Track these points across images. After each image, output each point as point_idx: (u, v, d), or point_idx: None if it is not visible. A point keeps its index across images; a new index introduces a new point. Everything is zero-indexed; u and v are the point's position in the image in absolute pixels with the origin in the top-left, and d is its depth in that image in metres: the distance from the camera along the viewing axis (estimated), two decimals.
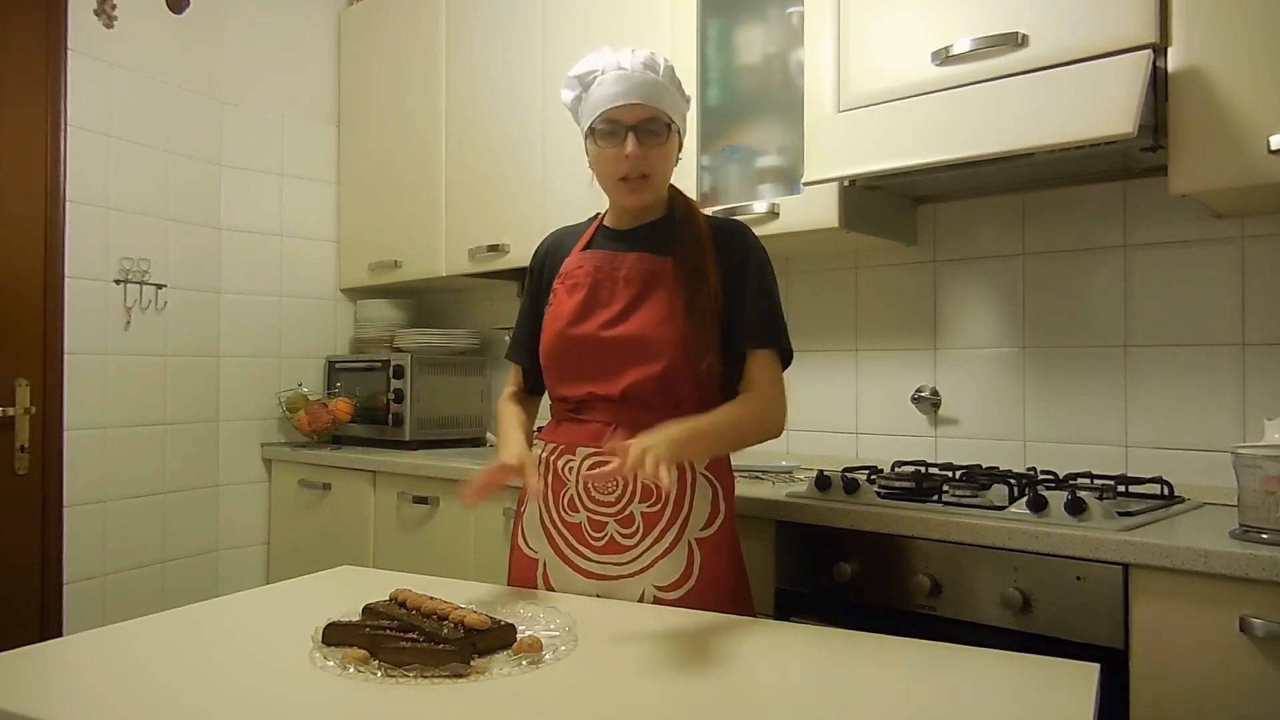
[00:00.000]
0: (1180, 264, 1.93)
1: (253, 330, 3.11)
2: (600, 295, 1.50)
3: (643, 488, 1.43)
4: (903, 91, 1.90)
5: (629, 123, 1.45)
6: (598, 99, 1.47)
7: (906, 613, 1.65)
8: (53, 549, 2.52)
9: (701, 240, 1.50)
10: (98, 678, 1.03)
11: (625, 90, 1.45)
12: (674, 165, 1.54)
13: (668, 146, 1.49)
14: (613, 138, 1.46)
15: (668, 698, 0.97)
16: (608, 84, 1.46)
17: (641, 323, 1.45)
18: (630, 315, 1.46)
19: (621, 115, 1.45)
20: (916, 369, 2.29)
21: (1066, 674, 1.03)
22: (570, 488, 1.48)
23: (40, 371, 2.50)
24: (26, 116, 2.47)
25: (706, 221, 1.55)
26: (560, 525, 1.49)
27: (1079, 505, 1.52)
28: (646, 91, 1.45)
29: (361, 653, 1.05)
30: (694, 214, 1.55)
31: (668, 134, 1.48)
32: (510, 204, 2.71)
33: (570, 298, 1.51)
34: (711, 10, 2.32)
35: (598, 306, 1.49)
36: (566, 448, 1.50)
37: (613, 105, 1.45)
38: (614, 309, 1.48)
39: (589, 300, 1.50)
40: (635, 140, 1.45)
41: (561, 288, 1.55)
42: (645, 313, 1.46)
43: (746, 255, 1.52)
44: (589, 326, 1.48)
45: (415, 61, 3.04)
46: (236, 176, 3.08)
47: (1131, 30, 1.64)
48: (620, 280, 1.49)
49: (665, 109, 1.47)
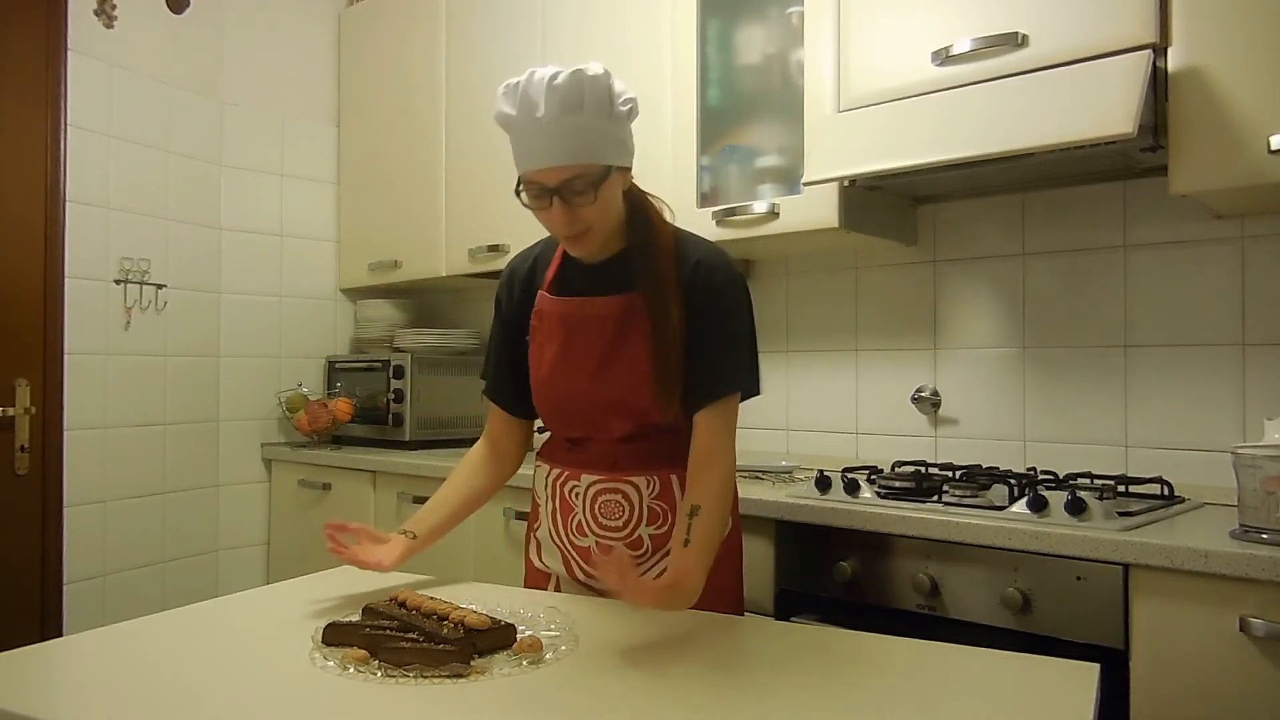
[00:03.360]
0: (1180, 264, 1.93)
1: (253, 330, 3.11)
2: (575, 344, 1.42)
3: (649, 511, 1.42)
4: (903, 91, 1.90)
5: (552, 185, 1.30)
6: (517, 154, 1.33)
7: (906, 613, 1.65)
8: (53, 549, 2.52)
9: (663, 272, 1.38)
10: (98, 678, 1.03)
11: (540, 150, 1.29)
12: (620, 199, 1.39)
13: (604, 195, 1.32)
14: (540, 199, 1.32)
15: (668, 698, 0.97)
16: (525, 138, 1.31)
17: (622, 375, 1.39)
18: (610, 364, 1.40)
19: (542, 179, 1.30)
20: (916, 369, 2.29)
21: (1066, 674, 1.03)
22: (578, 513, 1.46)
23: (40, 371, 2.50)
24: (26, 116, 2.48)
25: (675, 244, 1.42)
26: (569, 548, 1.48)
27: (1079, 505, 1.52)
28: (565, 148, 1.28)
29: (361, 653, 1.05)
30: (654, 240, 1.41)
31: (598, 187, 1.31)
32: (510, 204, 2.65)
33: (549, 346, 1.45)
34: (711, 10, 2.31)
35: (576, 355, 1.42)
36: (571, 474, 1.47)
37: (529, 169, 1.31)
38: (594, 356, 1.41)
39: (566, 348, 1.43)
40: (561, 203, 1.30)
41: (539, 329, 1.47)
42: (625, 362, 1.39)
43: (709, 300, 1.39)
44: (574, 379, 1.42)
45: (415, 61, 3.04)
46: (236, 176, 3.08)
47: (1131, 30, 1.64)
48: (594, 329, 1.41)
49: (593, 159, 1.29)
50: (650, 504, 1.42)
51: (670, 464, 1.42)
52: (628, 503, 1.42)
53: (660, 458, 1.43)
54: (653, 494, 1.42)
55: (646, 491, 1.42)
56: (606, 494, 1.43)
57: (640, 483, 1.42)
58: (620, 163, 1.35)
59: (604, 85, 1.30)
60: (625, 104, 1.34)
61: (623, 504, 1.43)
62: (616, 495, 1.43)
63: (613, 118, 1.31)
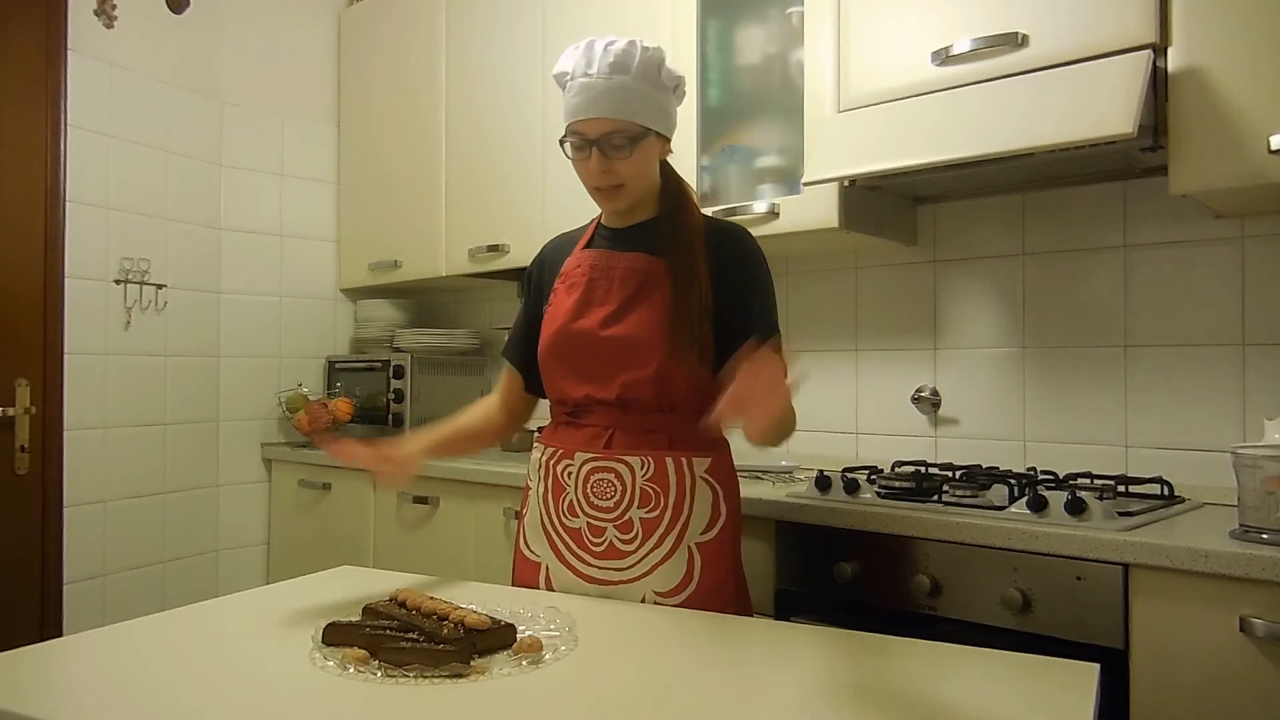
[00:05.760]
0: (1180, 264, 1.93)
1: (253, 330, 3.11)
2: (596, 293, 1.48)
3: (641, 493, 1.43)
4: (903, 91, 1.90)
5: (593, 136, 1.40)
6: (566, 108, 1.43)
7: (906, 613, 1.65)
8: (53, 549, 2.52)
9: (691, 241, 1.46)
10: (98, 678, 1.03)
11: (586, 103, 1.39)
12: (655, 165, 1.49)
13: (640, 154, 1.42)
14: (580, 150, 1.43)
15: (668, 698, 0.97)
16: (573, 92, 1.41)
17: (634, 324, 1.44)
18: (625, 315, 1.45)
19: (585, 129, 1.41)
20: (916, 369, 2.29)
21: (1066, 674, 1.03)
22: (569, 492, 1.47)
23: (40, 371, 2.50)
24: (26, 116, 2.48)
25: (705, 222, 1.52)
26: (560, 530, 1.49)
27: (1079, 505, 1.52)
28: (609, 103, 1.38)
29: (361, 653, 1.05)
30: (684, 212, 1.50)
31: (636, 144, 1.41)
32: (510, 204, 2.71)
33: (569, 296, 1.51)
34: (711, 10, 2.31)
35: (594, 304, 1.48)
36: (565, 452, 1.49)
37: (574, 119, 1.41)
38: (609, 307, 1.46)
39: (585, 297, 1.49)
40: (599, 155, 1.40)
41: (561, 287, 1.54)
42: (639, 314, 1.44)
43: (747, 256, 1.49)
44: (586, 323, 1.47)
45: (415, 61, 3.04)
46: (236, 176, 3.08)
47: (1131, 30, 1.64)
48: (616, 279, 1.47)
49: (632, 117, 1.40)
50: (643, 485, 1.42)
51: (668, 445, 1.43)
52: (620, 483, 1.43)
53: (658, 437, 1.44)
54: (646, 475, 1.42)
55: (640, 472, 1.42)
56: (600, 472, 1.44)
57: (634, 463, 1.43)
58: (659, 128, 1.44)
59: (656, 58, 1.43)
60: (673, 80, 1.46)
61: (615, 484, 1.43)
62: (609, 474, 1.44)
63: (659, 86, 1.43)
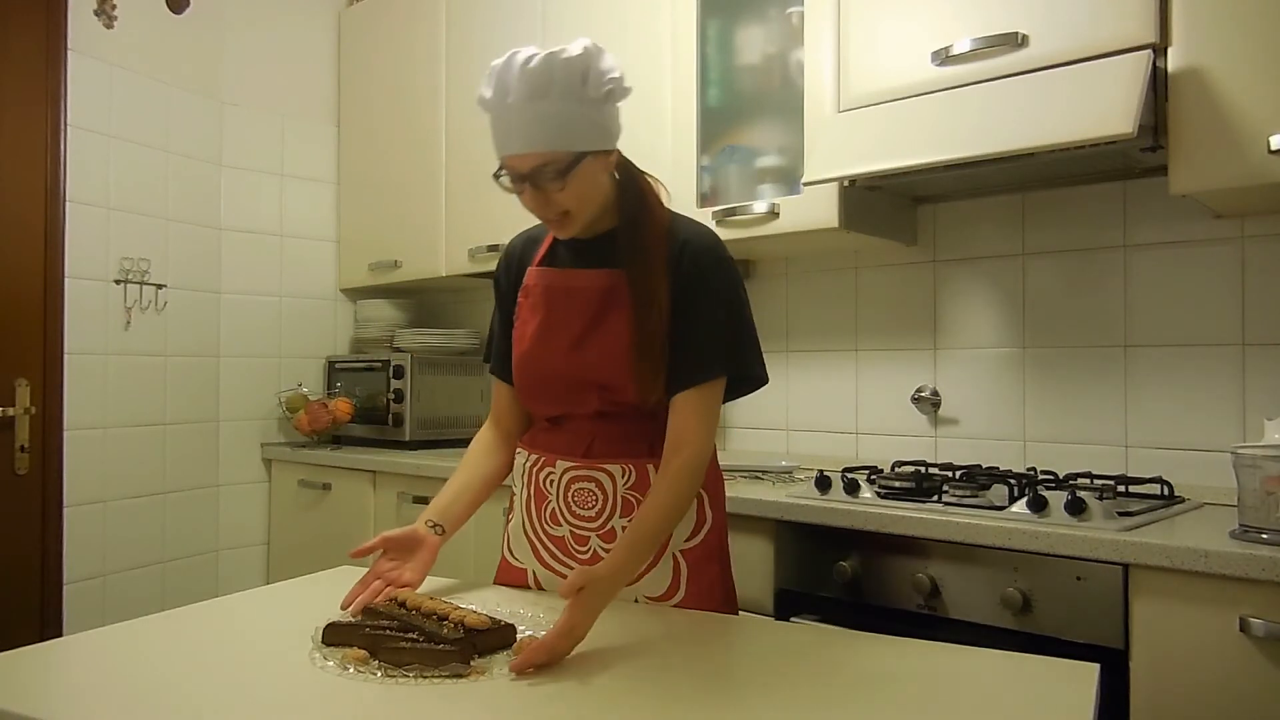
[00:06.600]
0: (1180, 264, 1.93)
1: (253, 330, 3.11)
2: (556, 317, 1.40)
3: (624, 502, 1.39)
4: (903, 91, 1.90)
5: (523, 171, 1.28)
6: (493, 137, 1.31)
7: (907, 613, 1.65)
8: (53, 549, 2.52)
9: (650, 259, 1.35)
10: (98, 678, 1.03)
11: (508, 136, 1.27)
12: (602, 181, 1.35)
13: (577, 181, 1.29)
14: (515, 183, 1.32)
15: (667, 698, 0.97)
16: (498, 123, 1.29)
17: (598, 353, 1.37)
18: (589, 340, 1.38)
19: (512, 165, 1.29)
20: (916, 369, 2.29)
21: (1066, 674, 1.03)
22: (552, 500, 1.44)
23: (40, 371, 2.50)
24: (26, 116, 2.48)
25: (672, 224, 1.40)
26: (544, 537, 1.46)
27: (1079, 505, 1.52)
28: (531, 135, 1.26)
29: (361, 653, 1.05)
30: (644, 223, 1.38)
31: (570, 172, 1.27)
32: (510, 204, 2.66)
33: (532, 317, 1.44)
34: (711, 10, 2.31)
35: (555, 329, 1.40)
36: (546, 460, 1.45)
37: (500, 154, 1.30)
38: (573, 331, 1.38)
39: (547, 322, 1.41)
40: (532, 190, 1.30)
41: (525, 303, 1.46)
42: (602, 340, 1.37)
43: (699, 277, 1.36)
44: (552, 353, 1.40)
45: (415, 61, 3.04)
46: (236, 176, 3.08)
47: (1131, 30, 1.64)
48: (577, 301, 1.39)
49: (559, 146, 1.26)
50: (625, 494, 1.39)
51: (649, 453, 1.38)
52: (601, 492, 1.40)
53: (638, 444, 1.39)
54: (628, 484, 1.39)
55: (621, 481, 1.39)
56: (581, 481, 1.41)
57: (615, 471, 1.39)
58: (595, 147, 1.30)
59: (577, 67, 1.25)
60: (605, 85, 1.28)
61: (596, 493, 1.40)
62: (590, 484, 1.40)
63: (585, 101, 1.27)
